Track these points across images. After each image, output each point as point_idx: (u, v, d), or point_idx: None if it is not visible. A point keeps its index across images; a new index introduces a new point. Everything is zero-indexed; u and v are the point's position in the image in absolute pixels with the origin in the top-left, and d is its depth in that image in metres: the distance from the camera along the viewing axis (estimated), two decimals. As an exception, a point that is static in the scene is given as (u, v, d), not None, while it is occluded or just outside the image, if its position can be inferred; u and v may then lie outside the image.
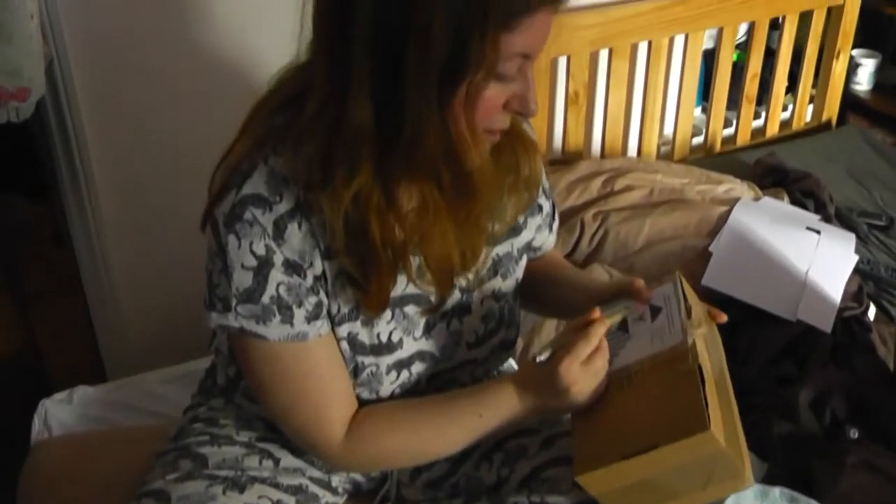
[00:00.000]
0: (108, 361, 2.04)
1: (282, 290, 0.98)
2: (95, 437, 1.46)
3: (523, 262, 1.21)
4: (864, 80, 2.85)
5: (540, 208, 1.22)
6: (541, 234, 1.25)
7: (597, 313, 1.04)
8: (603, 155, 2.38)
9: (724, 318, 1.10)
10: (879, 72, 2.86)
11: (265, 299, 0.98)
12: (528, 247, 1.22)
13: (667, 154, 2.53)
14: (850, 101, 2.84)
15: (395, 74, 0.87)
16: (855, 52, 2.80)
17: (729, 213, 1.96)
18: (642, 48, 2.34)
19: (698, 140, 2.61)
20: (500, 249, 1.15)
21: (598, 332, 1.02)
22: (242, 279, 0.97)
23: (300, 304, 1.00)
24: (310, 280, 1.00)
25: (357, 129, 0.90)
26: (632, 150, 2.45)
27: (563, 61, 2.22)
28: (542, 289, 1.28)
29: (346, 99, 0.89)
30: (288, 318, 1.00)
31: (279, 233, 0.97)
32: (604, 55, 2.29)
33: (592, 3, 2.25)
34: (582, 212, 1.98)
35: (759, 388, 1.70)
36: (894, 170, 2.47)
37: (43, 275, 2.27)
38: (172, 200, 1.82)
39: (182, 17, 1.78)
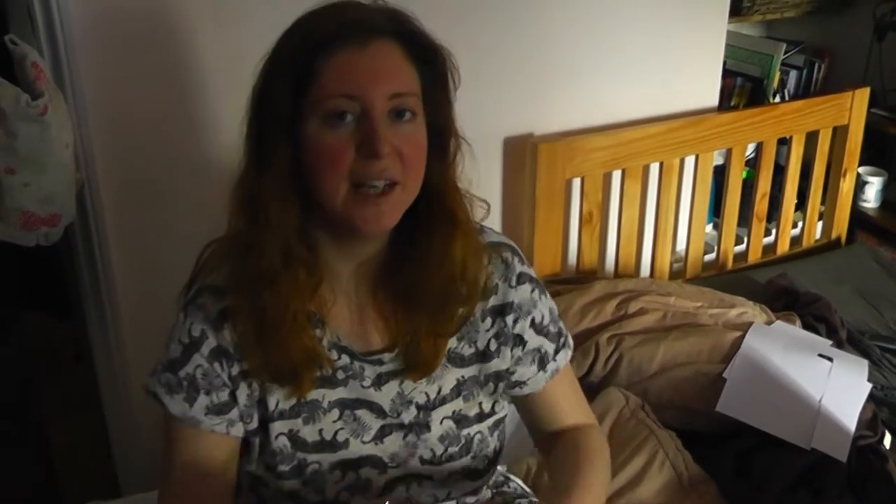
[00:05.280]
0: (122, 477, 2.04)
1: (198, 373, 1.05)
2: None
3: (490, 389, 1.19)
4: (871, 198, 2.90)
5: (522, 341, 1.20)
6: (525, 369, 1.22)
7: None
8: (617, 273, 2.41)
9: None
10: (886, 189, 2.90)
11: (182, 374, 1.06)
12: (503, 378, 1.20)
13: (679, 271, 2.55)
14: (858, 218, 2.88)
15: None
16: (862, 169, 2.85)
17: (742, 338, 1.97)
18: (654, 169, 2.40)
19: (710, 257, 2.63)
20: (467, 372, 1.17)
21: None
22: (174, 351, 1.07)
23: (208, 393, 1.06)
24: (235, 370, 1.06)
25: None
26: (645, 267, 2.48)
27: (577, 182, 2.27)
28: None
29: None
30: (191, 400, 1.06)
31: (222, 320, 1.04)
32: (616, 176, 2.34)
33: (604, 126, 2.32)
34: (596, 334, 1.99)
35: (776, 518, 1.69)
36: (905, 290, 2.49)
37: (61, 391, 2.29)
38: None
39: (211, 143, 1.83)
